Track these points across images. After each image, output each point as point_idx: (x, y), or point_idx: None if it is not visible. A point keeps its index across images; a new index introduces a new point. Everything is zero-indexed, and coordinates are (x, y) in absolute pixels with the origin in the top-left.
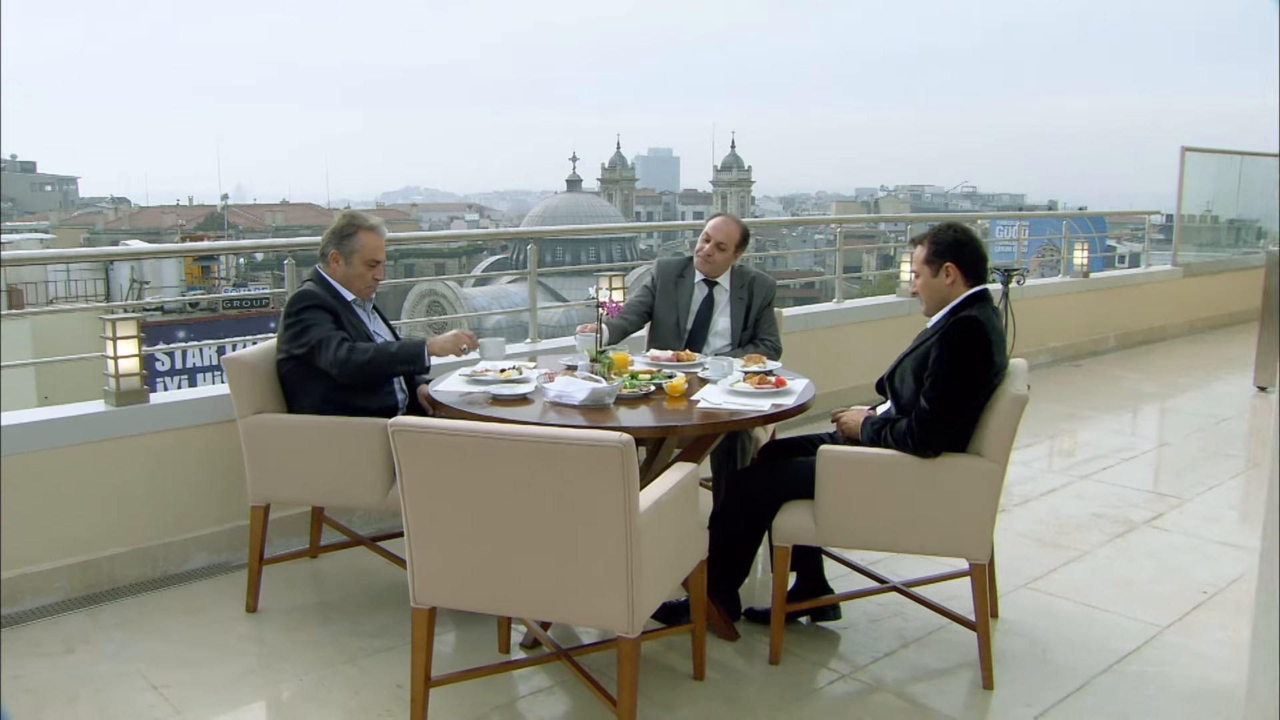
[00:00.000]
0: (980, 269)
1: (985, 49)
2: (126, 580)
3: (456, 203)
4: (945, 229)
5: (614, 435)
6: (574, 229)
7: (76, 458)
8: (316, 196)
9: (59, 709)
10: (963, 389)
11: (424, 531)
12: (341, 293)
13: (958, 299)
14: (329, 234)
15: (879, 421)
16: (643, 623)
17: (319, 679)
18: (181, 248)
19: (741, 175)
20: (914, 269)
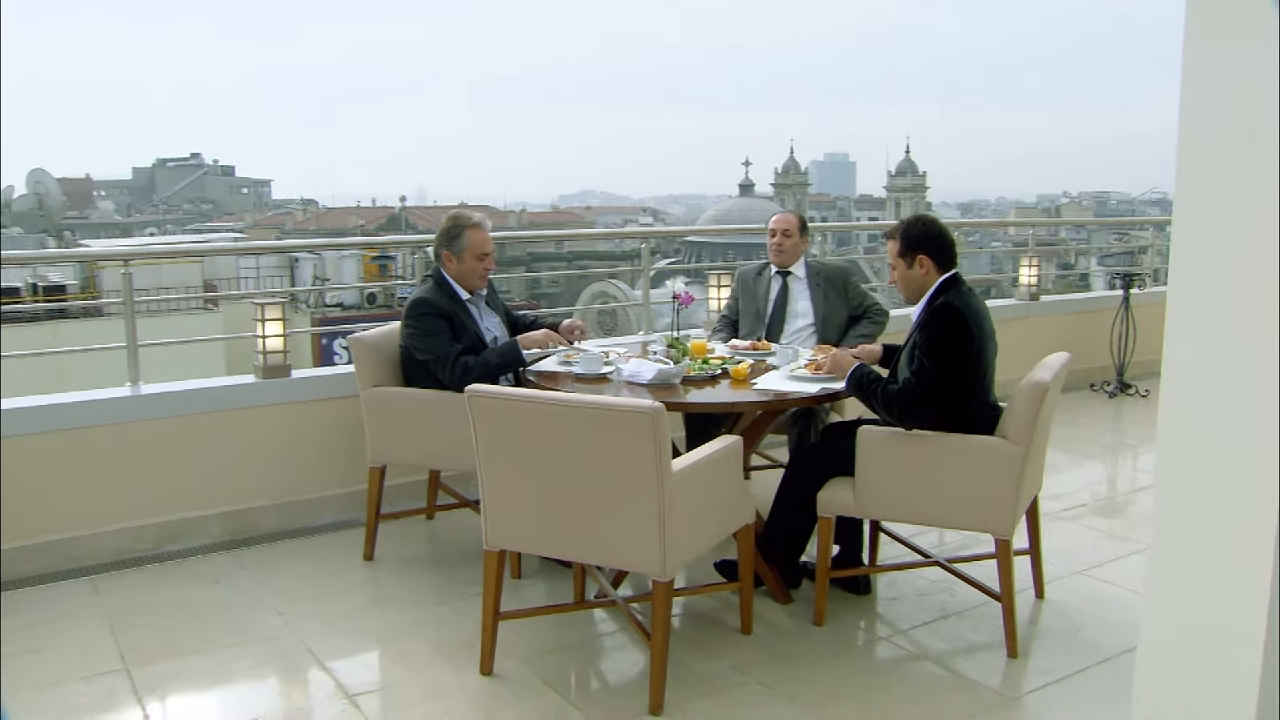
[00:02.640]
0: (949, 255)
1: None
2: (266, 530)
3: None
4: (914, 222)
5: (647, 403)
6: (682, 229)
7: (229, 422)
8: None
9: (204, 623)
10: (943, 370)
11: (494, 484)
12: (457, 292)
13: (933, 286)
14: (439, 237)
15: (872, 377)
16: (675, 570)
17: (416, 616)
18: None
19: (916, 180)
20: (890, 263)
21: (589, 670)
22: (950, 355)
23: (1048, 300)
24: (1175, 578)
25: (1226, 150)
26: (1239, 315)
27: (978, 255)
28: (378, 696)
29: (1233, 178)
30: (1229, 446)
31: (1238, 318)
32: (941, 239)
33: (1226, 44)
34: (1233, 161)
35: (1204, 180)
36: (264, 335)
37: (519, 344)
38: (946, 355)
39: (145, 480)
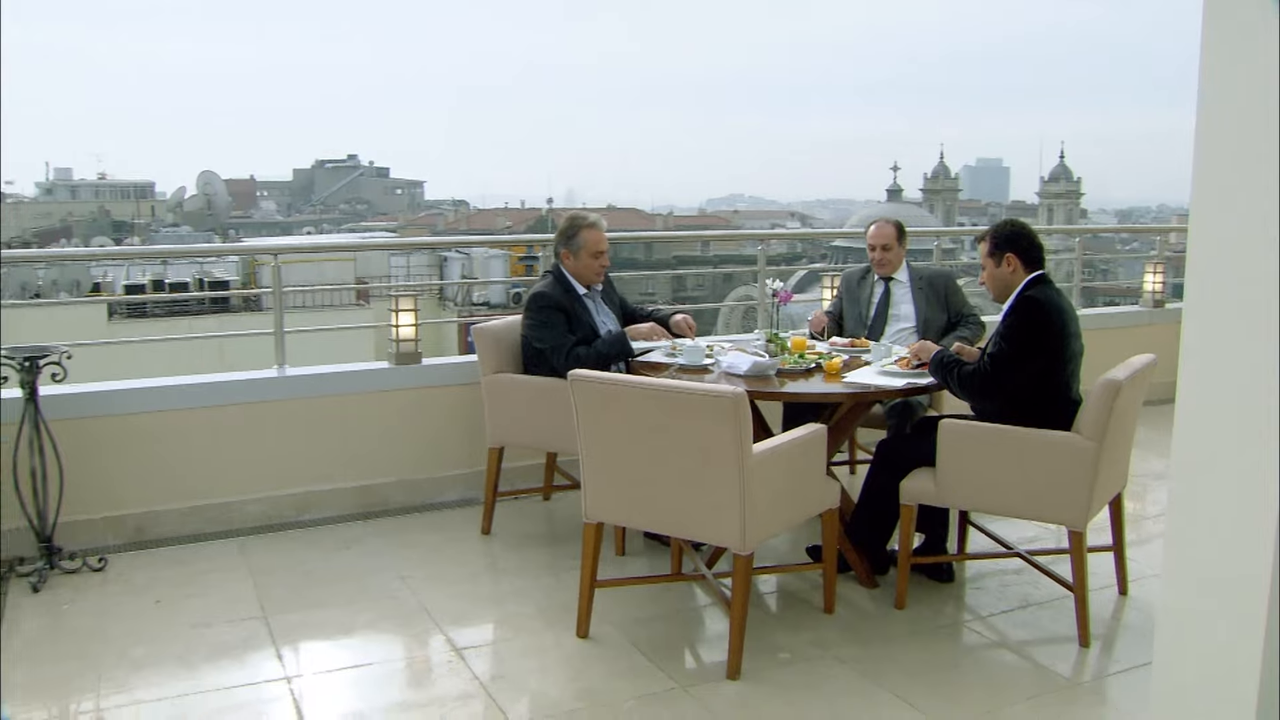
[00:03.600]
0: (1036, 256)
1: None
2: (394, 504)
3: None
4: (1004, 225)
5: (729, 389)
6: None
7: (364, 403)
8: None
9: (333, 582)
10: (1018, 355)
11: (592, 461)
12: (574, 287)
13: (1020, 285)
14: (558, 236)
15: (951, 358)
16: (754, 544)
17: (524, 584)
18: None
19: (1070, 187)
20: (981, 263)
21: (676, 637)
22: (1026, 343)
23: (1173, 308)
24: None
25: (1242, 160)
26: (1248, 325)
27: (1132, 262)
28: (481, 652)
29: (1244, 186)
30: (1240, 440)
31: (1246, 330)
32: (1028, 240)
33: (1242, 56)
34: (1246, 170)
35: (1219, 188)
36: (397, 325)
37: (628, 336)
38: (1023, 342)
39: (289, 454)
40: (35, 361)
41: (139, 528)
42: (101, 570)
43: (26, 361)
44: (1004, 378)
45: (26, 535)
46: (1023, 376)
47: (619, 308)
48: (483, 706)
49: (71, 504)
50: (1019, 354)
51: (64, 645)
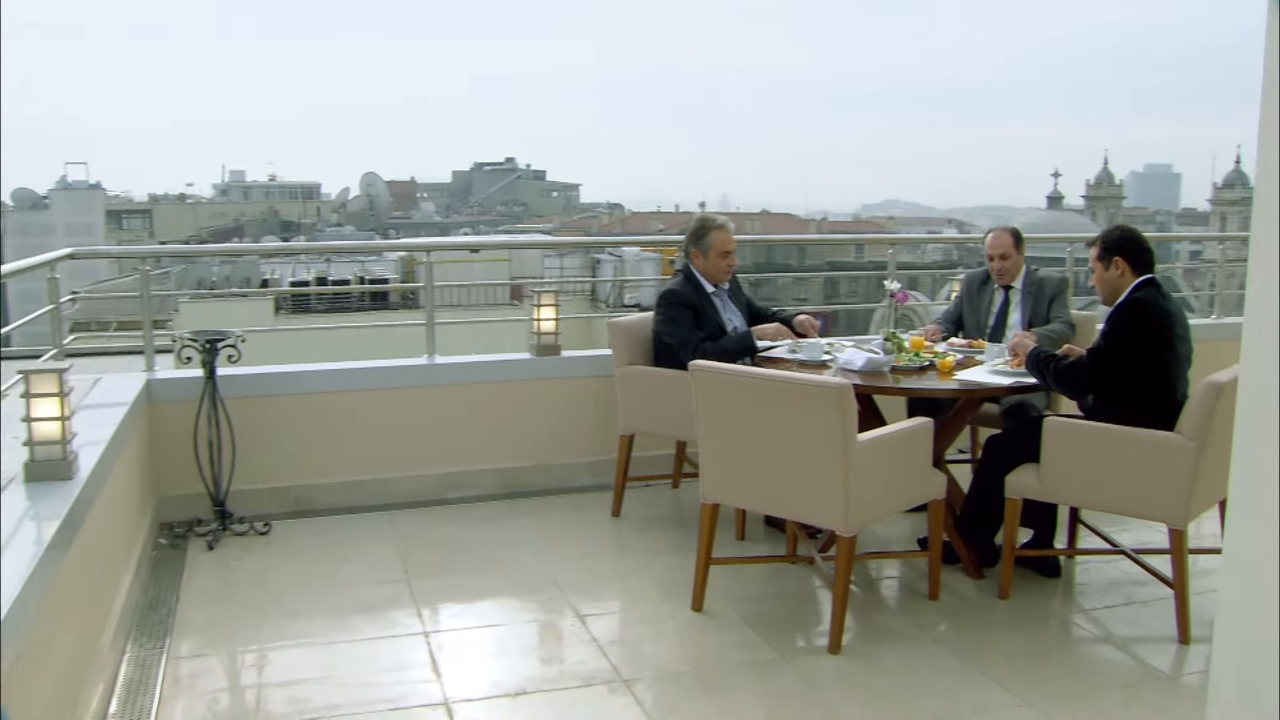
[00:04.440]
0: (1145, 259)
1: None
2: (531, 486)
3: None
4: (1113, 229)
5: (835, 381)
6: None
7: (507, 391)
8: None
9: (471, 553)
10: (1117, 352)
11: (710, 446)
12: (703, 285)
13: (1129, 288)
14: (688, 237)
15: (1047, 353)
16: (857, 527)
17: (646, 561)
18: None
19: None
20: (1090, 267)
21: (784, 614)
22: (1126, 342)
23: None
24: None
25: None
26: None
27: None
28: (602, 619)
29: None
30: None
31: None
32: (1137, 244)
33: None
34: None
35: None
36: (539, 319)
37: (752, 333)
38: (1122, 342)
39: (437, 437)
40: (214, 344)
41: (299, 499)
42: (266, 534)
43: (207, 344)
44: (1101, 375)
45: (203, 500)
46: (1121, 375)
47: (745, 307)
48: (598, 665)
49: (242, 474)
50: (1118, 353)
51: (233, 595)
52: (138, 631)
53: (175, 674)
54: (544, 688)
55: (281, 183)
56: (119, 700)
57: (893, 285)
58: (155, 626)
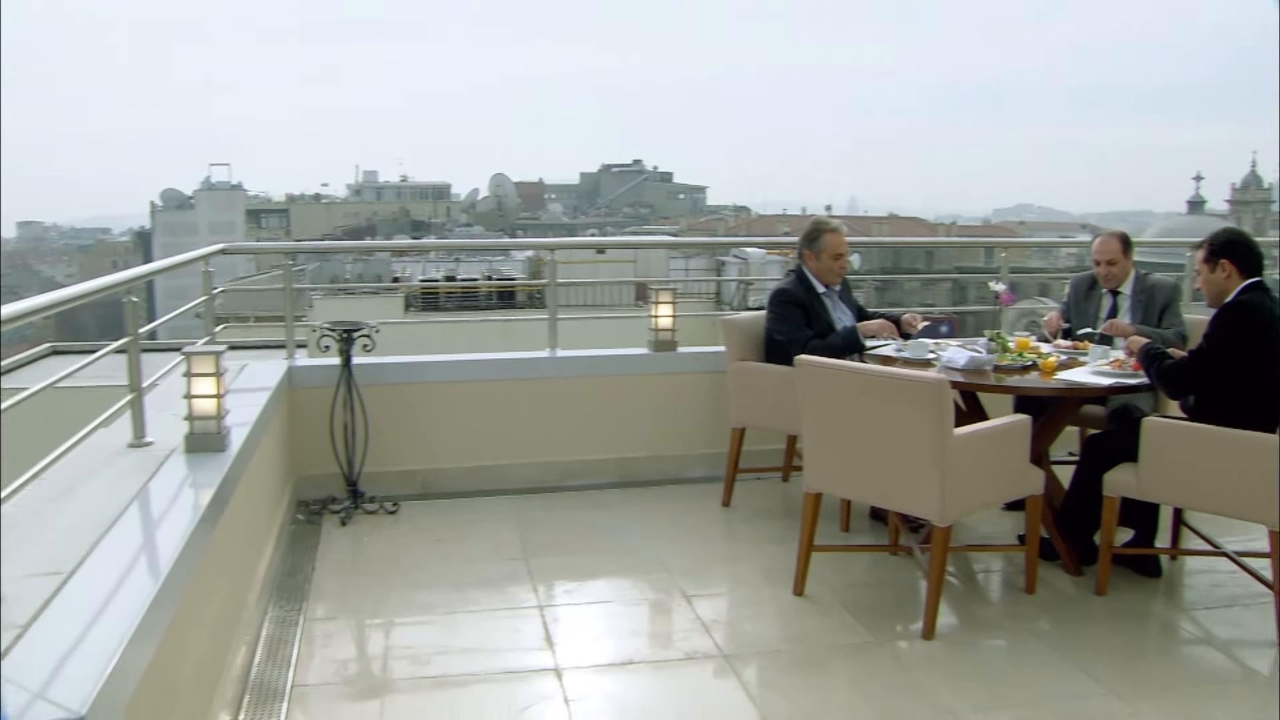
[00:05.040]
0: (1252, 262)
1: None
2: (645, 476)
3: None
4: (1220, 232)
5: (932, 377)
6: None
7: (624, 385)
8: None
9: (586, 536)
10: (1218, 354)
11: (812, 437)
12: (814, 285)
13: (1235, 290)
14: (802, 239)
15: (1156, 350)
16: (952, 518)
17: (752, 548)
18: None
19: None
20: (1196, 269)
21: (882, 601)
22: (1228, 344)
23: None
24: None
25: None
26: None
27: None
28: (706, 599)
29: None
30: None
31: None
32: (1245, 247)
33: None
34: None
35: None
36: (656, 316)
37: (858, 330)
38: (1225, 344)
39: (557, 426)
40: (350, 334)
41: (426, 482)
42: (394, 514)
43: (344, 334)
44: (1202, 376)
45: (337, 480)
46: (1222, 377)
47: (856, 309)
48: (701, 641)
49: (373, 457)
50: (1219, 355)
51: (363, 567)
52: (278, 595)
53: (311, 634)
54: (649, 659)
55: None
56: (262, 653)
57: (998, 287)
58: (293, 591)
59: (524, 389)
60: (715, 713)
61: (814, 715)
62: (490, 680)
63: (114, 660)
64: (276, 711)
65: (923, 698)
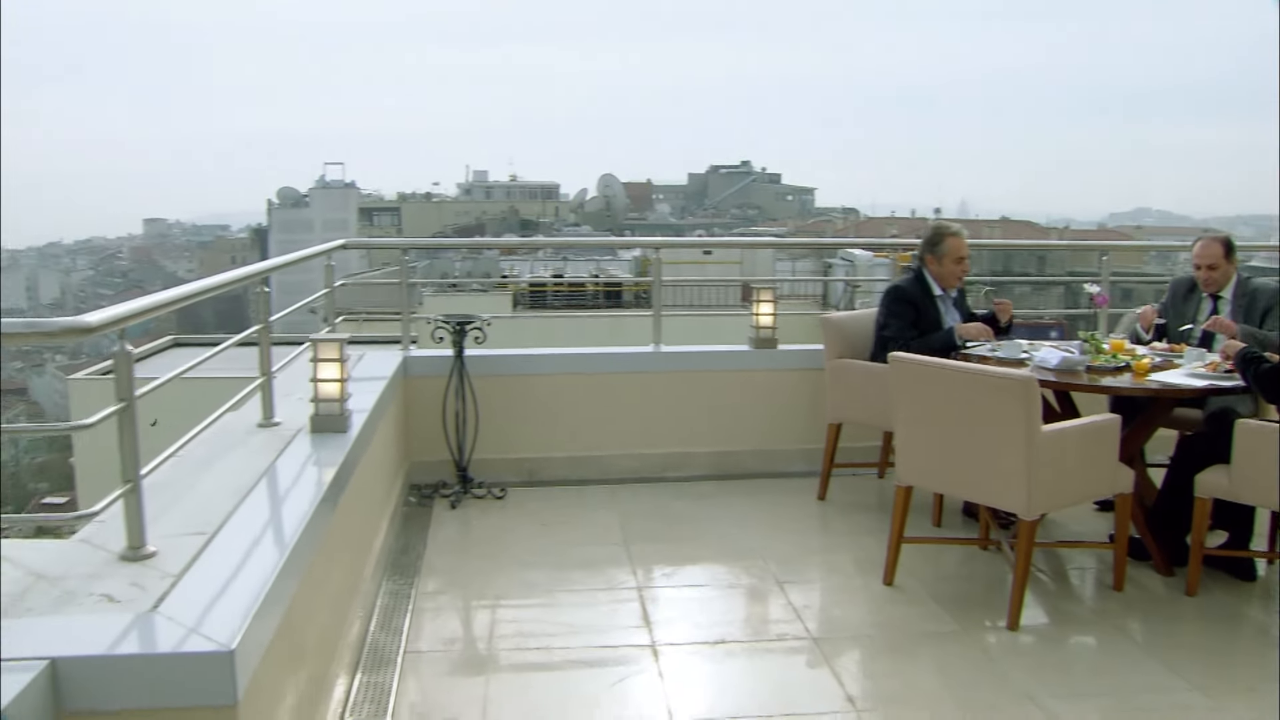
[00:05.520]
0: None
1: None
2: (744, 469)
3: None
4: None
5: (1020, 374)
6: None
7: (725, 380)
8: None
9: (683, 523)
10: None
11: (904, 431)
12: (932, 287)
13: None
14: (923, 242)
15: (1252, 354)
16: (1038, 512)
17: (845, 540)
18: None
19: None
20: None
21: (969, 593)
22: None
23: None
24: None
25: None
26: None
27: None
28: (799, 586)
29: None
30: None
31: None
32: None
33: None
34: None
35: None
36: (758, 314)
37: (955, 331)
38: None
39: (659, 419)
40: (463, 326)
41: (532, 470)
42: (502, 499)
43: (457, 326)
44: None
45: (448, 466)
46: None
47: (965, 315)
48: (791, 624)
49: (483, 445)
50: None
51: (472, 547)
52: (392, 570)
53: (421, 606)
54: (740, 640)
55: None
56: (377, 622)
57: (1092, 289)
58: (406, 567)
59: (628, 383)
60: (802, 691)
61: (897, 697)
62: (588, 653)
63: (255, 607)
64: (389, 675)
65: (1003, 685)
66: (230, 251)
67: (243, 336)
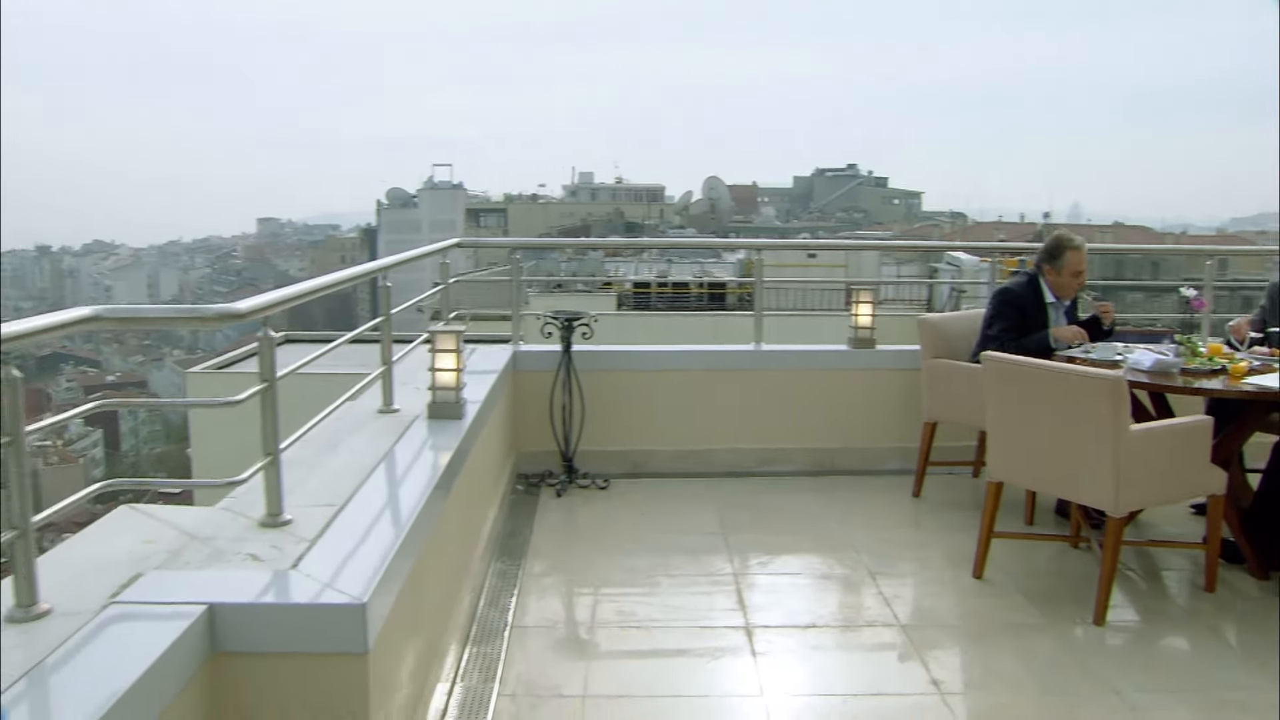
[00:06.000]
0: None
1: None
2: (841, 466)
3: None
4: None
5: (1109, 374)
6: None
7: (823, 379)
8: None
9: (780, 516)
10: None
11: (996, 428)
12: (1045, 294)
13: None
14: (1041, 253)
15: None
16: (1126, 509)
17: (938, 536)
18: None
19: None
20: None
21: (1057, 588)
22: None
23: None
24: None
25: None
26: None
27: None
28: (889, 577)
29: None
30: None
31: None
32: None
33: None
34: None
35: None
36: (856, 314)
37: (1050, 334)
38: None
39: (758, 416)
40: (571, 322)
41: (635, 462)
42: (605, 489)
43: (566, 322)
44: None
45: (554, 456)
46: None
47: (1075, 322)
48: (880, 611)
49: (588, 437)
50: None
51: (576, 533)
52: (500, 552)
53: (528, 586)
54: (831, 624)
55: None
56: (485, 599)
57: (1189, 292)
58: (514, 550)
59: (729, 380)
60: (888, 674)
61: (980, 682)
62: (685, 632)
63: (381, 571)
64: (497, 646)
65: (1087, 676)
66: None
67: (367, 328)
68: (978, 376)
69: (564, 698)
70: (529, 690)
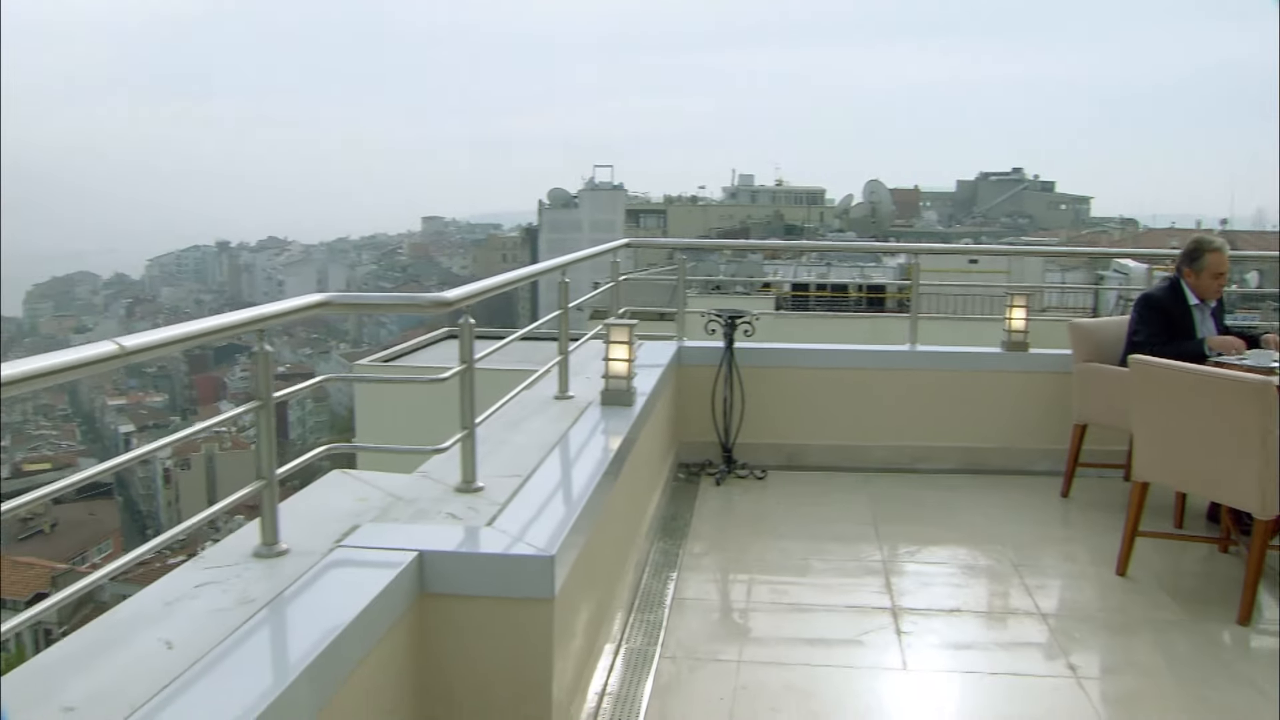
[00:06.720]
0: None
1: None
2: (991, 465)
3: None
4: None
5: (1256, 378)
6: None
7: (976, 380)
8: None
9: (929, 510)
10: None
11: (1143, 430)
12: (1188, 297)
13: None
14: (1182, 255)
15: None
16: (1274, 512)
17: (1083, 533)
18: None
19: None
20: None
21: (1202, 589)
22: None
23: None
24: None
25: None
26: None
27: None
28: (1032, 569)
29: None
30: None
31: None
32: None
33: None
34: None
35: None
36: (1010, 318)
37: (1205, 343)
38: None
39: (912, 414)
40: (734, 320)
41: (791, 455)
42: (762, 480)
43: (729, 319)
44: None
45: (714, 447)
46: None
47: (1221, 327)
48: (1022, 601)
49: (747, 429)
50: None
51: (734, 518)
52: (662, 533)
53: (688, 563)
54: (974, 610)
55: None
56: (649, 574)
57: None
58: (675, 531)
59: (884, 379)
60: (1027, 655)
61: (1116, 669)
62: (835, 611)
63: (565, 531)
64: (659, 614)
65: (1225, 671)
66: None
67: (547, 320)
68: (1127, 380)
69: (720, 662)
70: (689, 654)
